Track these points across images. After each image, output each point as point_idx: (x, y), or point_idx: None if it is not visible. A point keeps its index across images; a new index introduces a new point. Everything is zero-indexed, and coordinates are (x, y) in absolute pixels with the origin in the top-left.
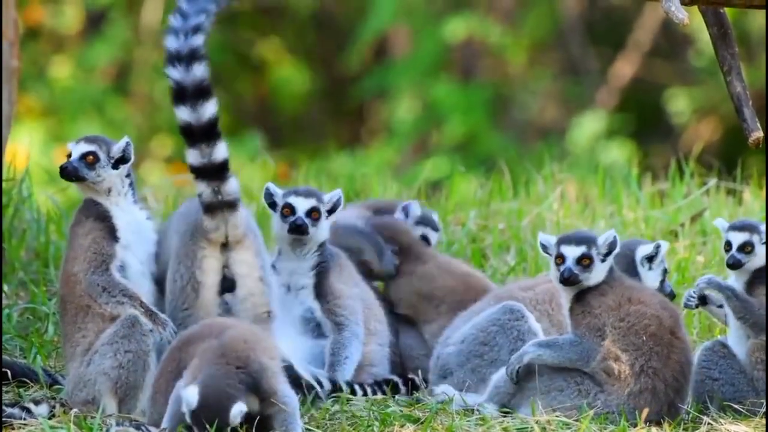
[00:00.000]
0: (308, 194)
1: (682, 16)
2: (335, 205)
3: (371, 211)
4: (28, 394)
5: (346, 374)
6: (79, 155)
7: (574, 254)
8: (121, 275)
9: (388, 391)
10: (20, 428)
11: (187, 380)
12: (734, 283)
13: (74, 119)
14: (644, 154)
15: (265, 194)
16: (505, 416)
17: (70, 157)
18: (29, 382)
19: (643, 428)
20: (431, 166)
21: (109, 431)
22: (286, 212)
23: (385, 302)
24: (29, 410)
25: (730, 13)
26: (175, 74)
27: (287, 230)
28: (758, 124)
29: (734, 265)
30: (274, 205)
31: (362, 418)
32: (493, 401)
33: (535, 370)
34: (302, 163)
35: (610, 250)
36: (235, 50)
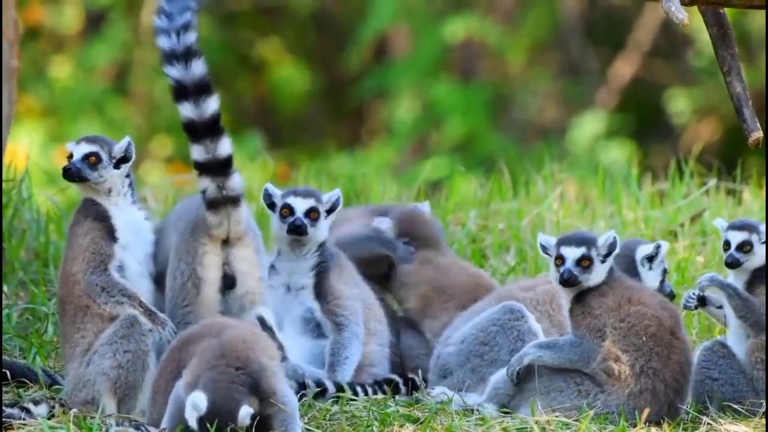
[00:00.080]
0: (307, 194)
1: (681, 16)
2: (334, 205)
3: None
4: (27, 394)
5: (346, 374)
6: (81, 156)
7: (573, 255)
8: (119, 275)
9: (388, 391)
10: (20, 428)
11: (186, 380)
12: (734, 282)
13: (74, 119)
14: (644, 154)
15: (264, 195)
16: (504, 416)
17: (71, 158)
18: (29, 382)
19: (642, 428)
20: (431, 166)
21: (108, 431)
22: (284, 213)
23: (385, 304)
24: (29, 410)
25: (729, 13)
26: (174, 72)
27: (286, 231)
28: (758, 124)
29: (732, 264)
30: (273, 205)
31: (362, 418)
32: (492, 402)
33: (534, 371)
34: (302, 163)
35: (609, 251)
36: (234, 50)
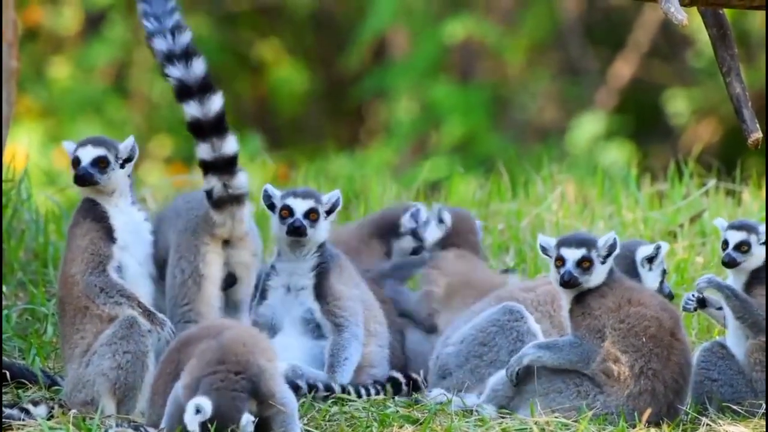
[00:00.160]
0: (306, 195)
1: (681, 17)
2: (334, 205)
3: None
4: (26, 395)
5: (345, 375)
6: (90, 160)
7: (574, 257)
8: (118, 276)
9: (388, 391)
10: (19, 429)
11: (184, 381)
12: (732, 283)
13: (73, 120)
14: (643, 154)
15: (263, 195)
16: (504, 417)
17: (79, 162)
18: (28, 383)
19: (642, 429)
20: (430, 166)
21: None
22: (284, 214)
23: (385, 305)
24: (28, 411)
25: (729, 13)
26: (176, 72)
27: (285, 232)
28: (757, 125)
29: (729, 263)
30: (272, 206)
31: (361, 419)
32: (490, 403)
33: (534, 372)
34: (301, 163)
35: (610, 252)
36: (234, 51)
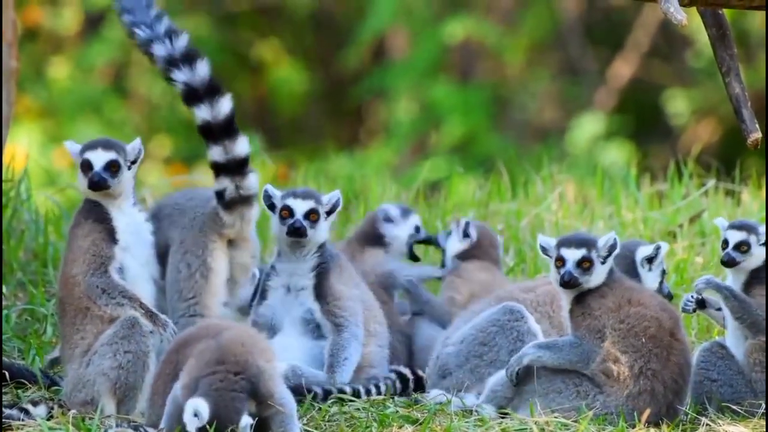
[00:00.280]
0: (306, 196)
1: (680, 17)
2: (334, 206)
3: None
4: (26, 395)
5: (345, 375)
6: (103, 165)
7: (574, 257)
8: (119, 277)
9: (389, 388)
10: (19, 429)
11: (183, 380)
12: (731, 283)
13: (72, 120)
14: (643, 155)
15: (263, 196)
16: (503, 417)
17: (90, 167)
18: (27, 383)
19: (641, 429)
20: (430, 166)
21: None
22: (284, 214)
23: (386, 305)
24: (27, 411)
25: (728, 13)
26: (181, 77)
27: (286, 233)
28: (757, 125)
29: (728, 262)
30: (272, 206)
31: (360, 419)
32: (489, 404)
33: (533, 372)
34: (301, 164)
35: (610, 252)
36: (233, 51)
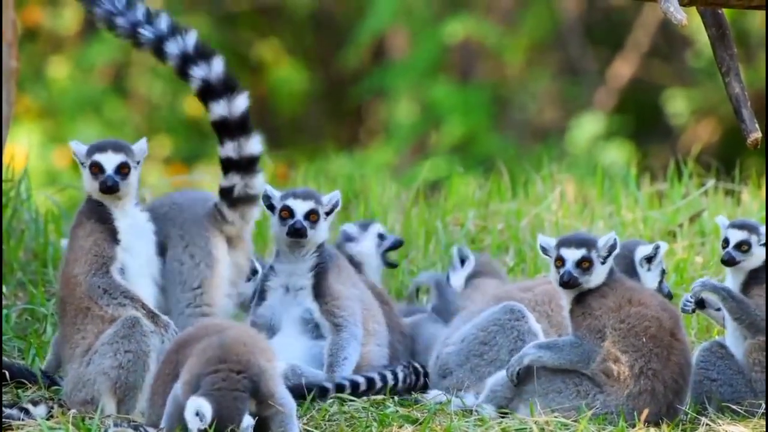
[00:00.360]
0: (306, 196)
1: (680, 16)
2: (333, 206)
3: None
4: (26, 394)
5: (344, 375)
6: (115, 168)
7: (573, 257)
8: (121, 278)
9: (387, 390)
10: (19, 429)
11: (184, 378)
12: (730, 283)
13: (72, 120)
14: (643, 154)
15: (262, 196)
16: (503, 417)
17: (101, 170)
18: (27, 383)
19: (641, 429)
20: (430, 166)
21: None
22: (284, 215)
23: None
24: (27, 411)
25: (728, 13)
26: (199, 72)
27: (286, 233)
28: (756, 125)
29: (728, 261)
30: (272, 207)
31: (360, 418)
32: (490, 404)
33: (533, 372)
34: (301, 163)
35: (610, 252)
36: (233, 51)
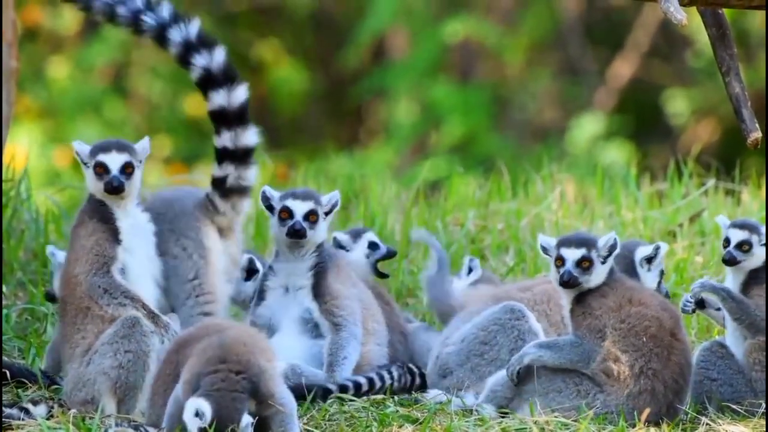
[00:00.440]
0: (305, 197)
1: (680, 16)
2: (333, 206)
3: None
4: (26, 394)
5: (344, 374)
6: (120, 168)
7: (573, 257)
8: (122, 278)
9: (387, 390)
10: (19, 429)
11: (184, 377)
12: (730, 282)
13: (72, 120)
14: (643, 154)
15: (261, 197)
16: (503, 417)
17: (106, 170)
18: (28, 382)
19: (641, 429)
20: (430, 166)
21: (107, 431)
22: (283, 216)
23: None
24: (28, 411)
25: (728, 13)
26: (201, 61)
27: (285, 234)
28: (757, 124)
29: (729, 261)
30: (271, 207)
31: (360, 418)
32: (490, 404)
33: (533, 372)
34: (301, 163)
35: (610, 252)
36: (233, 50)
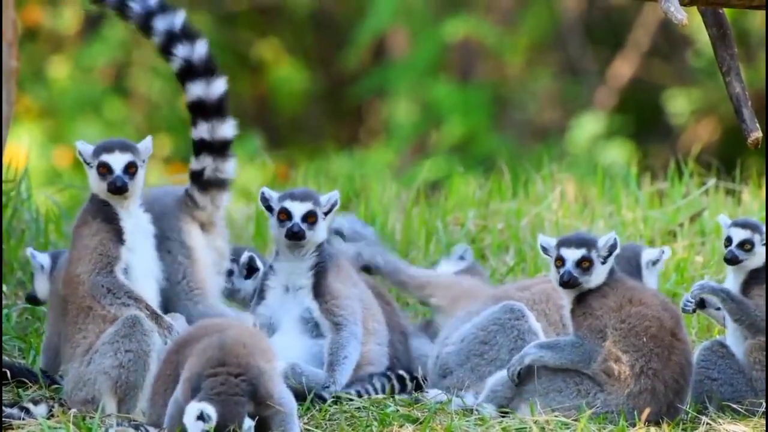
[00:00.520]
0: (304, 198)
1: (681, 16)
2: (332, 206)
3: None
4: (27, 394)
5: (344, 374)
6: (123, 167)
7: (573, 257)
8: (124, 278)
9: (387, 390)
10: (19, 428)
11: (183, 375)
12: (731, 282)
13: (72, 120)
14: (643, 154)
15: (260, 198)
16: (503, 416)
17: (109, 170)
18: (28, 382)
19: (642, 428)
20: (430, 166)
21: (108, 431)
22: (282, 217)
23: (389, 306)
24: (28, 410)
25: (728, 13)
26: (182, 52)
27: (284, 236)
28: (757, 124)
29: (731, 260)
30: (270, 208)
31: (361, 418)
32: (490, 404)
33: (534, 372)
34: (301, 163)
35: (610, 252)
36: (233, 50)
